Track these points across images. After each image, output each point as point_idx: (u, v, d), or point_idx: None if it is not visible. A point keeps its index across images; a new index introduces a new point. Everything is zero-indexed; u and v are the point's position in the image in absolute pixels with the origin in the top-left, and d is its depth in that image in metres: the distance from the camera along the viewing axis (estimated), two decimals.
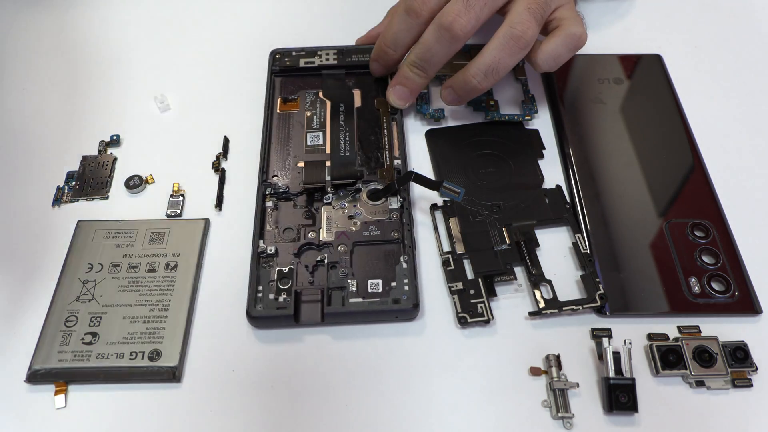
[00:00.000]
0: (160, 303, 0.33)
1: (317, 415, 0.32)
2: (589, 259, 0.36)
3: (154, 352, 0.32)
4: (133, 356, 0.32)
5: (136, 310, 0.33)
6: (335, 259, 0.35)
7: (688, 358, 0.32)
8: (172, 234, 0.36)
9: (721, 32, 0.48)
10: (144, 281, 0.34)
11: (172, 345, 0.32)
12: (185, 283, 0.34)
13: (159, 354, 0.32)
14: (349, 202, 0.37)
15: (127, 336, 0.32)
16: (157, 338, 0.32)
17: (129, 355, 0.32)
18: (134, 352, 0.32)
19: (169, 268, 0.35)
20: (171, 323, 0.33)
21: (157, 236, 0.36)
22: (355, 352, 0.33)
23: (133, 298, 0.34)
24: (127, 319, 0.33)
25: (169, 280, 0.34)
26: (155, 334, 0.32)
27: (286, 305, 0.33)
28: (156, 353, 0.32)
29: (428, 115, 0.42)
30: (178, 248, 0.36)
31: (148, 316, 0.33)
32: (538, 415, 0.31)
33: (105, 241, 0.36)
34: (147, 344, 0.32)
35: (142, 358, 0.32)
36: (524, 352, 0.33)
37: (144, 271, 0.34)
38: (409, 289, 0.34)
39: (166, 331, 0.33)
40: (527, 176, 0.40)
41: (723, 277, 0.35)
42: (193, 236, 0.36)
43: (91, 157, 0.41)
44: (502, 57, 0.37)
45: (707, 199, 0.38)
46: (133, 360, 0.32)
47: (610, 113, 0.43)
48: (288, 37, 0.46)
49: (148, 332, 0.32)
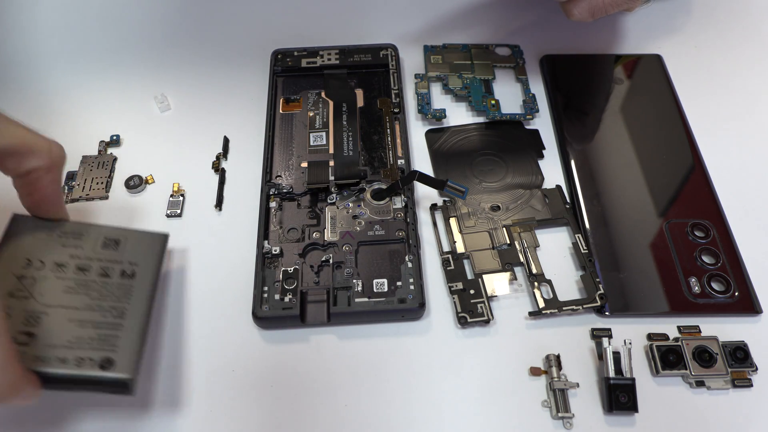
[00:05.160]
0: (114, 310, 0.30)
1: (322, 415, 0.32)
2: (589, 259, 0.36)
3: (106, 360, 0.28)
4: (79, 363, 0.28)
5: (84, 314, 0.29)
6: (340, 259, 0.35)
7: (688, 358, 0.32)
8: (129, 243, 0.32)
9: (721, 32, 0.48)
10: (95, 285, 0.30)
11: (126, 355, 0.29)
12: (143, 292, 0.31)
13: (111, 363, 0.28)
14: (353, 202, 0.37)
15: (72, 340, 0.29)
16: (110, 346, 0.29)
17: (74, 362, 0.28)
18: (81, 358, 0.28)
19: (126, 276, 0.31)
20: (127, 332, 0.29)
21: (111, 243, 0.32)
22: (361, 351, 0.33)
23: (82, 302, 0.30)
24: (73, 323, 0.29)
25: (126, 287, 0.31)
26: (107, 342, 0.29)
27: (292, 305, 0.33)
28: (108, 362, 0.28)
29: (429, 115, 0.42)
30: (135, 258, 0.32)
31: (100, 321, 0.29)
32: (538, 415, 0.32)
33: (48, 239, 0.31)
34: (97, 351, 0.28)
35: (91, 367, 0.28)
36: (524, 352, 0.33)
37: (96, 275, 0.31)
38: (415, 288, 0.34)
39: (120, 340, 0.29)
40: (527, 176, 0.40)
41: (723, 277, 0.35)
42: (152, 250, 0.33)
43: (91, 157, 0.41)
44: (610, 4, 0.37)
45: (707, 199, 0.39)
46: (78, 367, 0.28)
47: (610, 113, 0.43)
48: (289, 37, 0.46)
49: (99, 339, 0.29)
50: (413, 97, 0.44)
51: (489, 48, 0.46)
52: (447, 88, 0.44)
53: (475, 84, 0.44)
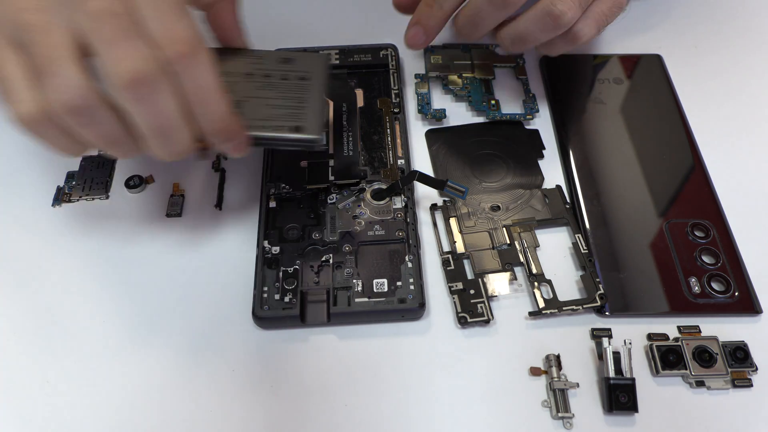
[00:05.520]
0: (296, 98, 0.35)
1: (322, 415, 0.32)
2: (589, 259, 0.36)
3: (296, 127, 0.34)
4: (277, 129, 0.34)
5: (274, 101, 0.35)
6: (340, 259, 0.35)
7: (688, 358, 0.32)
8: (299, 61, 0.37)
9: (721, 32, 0.49)
10: (279, 85, 0.35)
11: (312, 123, 0.34)
12: (317, 87, 0.36)
13: (301, 128, 0.34)
14: (353, 202, 0.37)
15: (269, 116, 0.34)
16: (298, 119, 0.34)
17: (273, 128, 0.34)
18: (277, 126, 0.34)
19: (301, 79, 0.36)
20: (309, 110, 0.34)
21: (285, 60, 0.37)
22: (361, 351, 0.33)
23: (272, 94, 0.35)
24: (268, 107, 0.34)
25: (303, 85, 0.36)
26: (295, 116, 0.34)
27: (292, 305, 0.33)
28: (298, 128, 0.34)
29: (429, 115, 0.42)
30: (306, 69, 0.37)
31: (288, 105, 0.35)
32: (538, 415, 0.32)
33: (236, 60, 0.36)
34: (289, 121, 0.34)
35: (288, 131, 0.34)
36: (524, 352, 0.33)
37: (278, 79, 0.36)
38: (415, 288, 0.34)
39: (305, 115, 0.34)
40: (527, 176, 0.40)
41: (723, 277, 0.35)
42: (319, 65, 0.37)
43: (91, 157, 0.41)
44: (534, 31, 0.36)
45: (707, 199, 0.39)
46: (276, 131, 0.34)
47: (610, 113, 0.43)
48: (289, 37, 0.46)
49: (288, 115, 0.34)
50: (413, 97, 0.44)
51: (489, 48, 0.46)
52: (447, 88, 0.44)
53: (475, 84, 0.44)
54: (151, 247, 0.37)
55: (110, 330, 0.34)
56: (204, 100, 0.29)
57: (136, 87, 0.26)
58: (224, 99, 0.30)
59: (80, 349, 0.34)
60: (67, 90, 0.26)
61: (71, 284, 0.36)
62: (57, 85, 0.26)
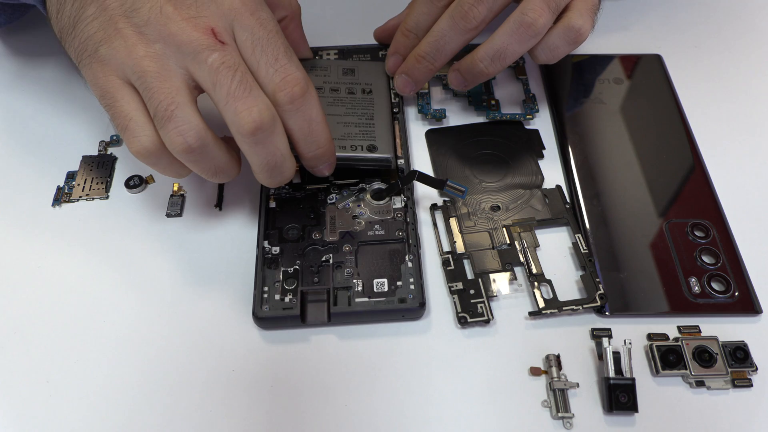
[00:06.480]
0: (364, 115, 0.38)
1: (322, 415, 0.32)
2: (589, 259, 0.36)
3: (371, 146, 0.36)
4: (354, 148, 0.36)
5: (345, 119, 0.38)
6: (340, 259, 0.35)
7: (688, 358, 0.32)
8: (361, 70, 0.41)
9: (721, 32, 0.49)
10: (347, 100, 0.39)
11: (384, 141, 0.37)
12: (382, 100, 0.39)
13: (375, 148, 0.37)
14: (353, 202, 0.37)
15: (343, 135, 0.37)
16: (371, 137, 0.37)
17: (350, 148, 0.36)
18: (354, 146, 0.36)
19: (365, 92, 0.40)
20: (379, 127, 0.37)
21: (348, 71, 0.41)
22: (361, 351, 0.33)
23: (342, 111, 0.38)
24: (340, 125, 0.37)
25: (368, 99, 0.39)
26: (368, 135, 0.37)
27: (293, 305, 0.33)
28: (372, 147, 0.36)
29: (429, 115, 0.42)
30: (369, 80, 0.40)
31: (358, 123, 0.38)
32: (538, 415, 0.32)
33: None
34: (363, 141, 0.37)
35: (362, 150, 0.36)
36: (524, 352, 0.33)
37: (344, 93, 0.39)
38: (415, 288, 0.34)
39: (377, 132, 0.37)
40: (527, 176, 0.40)
41: (723, 277, 0.35)
42: (379, 73, 0.41)
43: (91, 157, 0.41)
44: (511, 43, 0.37)
45: (707, 199, 0.39)
46: (354, 151, 0.36)
47: (610, 113, 0.43)
48: None
49: (361, 133, 0.37)
50: (413, 97, 0.44)
51: None
52: (447, 88, 0.44)
53: None
54: (151, 247, 0.37)
55: (110, 330, 0.34)
56: (313, 131, 0.32)
57: (256, 134, 0.29)
58: (328, 127, 0.33)
59: (80, 349, 0.34)
60: (183, 132, 0.29)
61: (71, 284, 0.36)
62: (174, 128, 0.29)
